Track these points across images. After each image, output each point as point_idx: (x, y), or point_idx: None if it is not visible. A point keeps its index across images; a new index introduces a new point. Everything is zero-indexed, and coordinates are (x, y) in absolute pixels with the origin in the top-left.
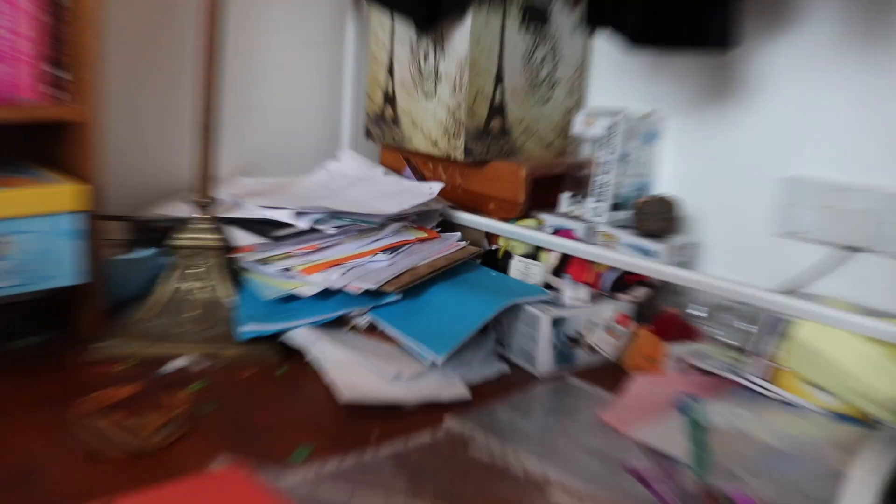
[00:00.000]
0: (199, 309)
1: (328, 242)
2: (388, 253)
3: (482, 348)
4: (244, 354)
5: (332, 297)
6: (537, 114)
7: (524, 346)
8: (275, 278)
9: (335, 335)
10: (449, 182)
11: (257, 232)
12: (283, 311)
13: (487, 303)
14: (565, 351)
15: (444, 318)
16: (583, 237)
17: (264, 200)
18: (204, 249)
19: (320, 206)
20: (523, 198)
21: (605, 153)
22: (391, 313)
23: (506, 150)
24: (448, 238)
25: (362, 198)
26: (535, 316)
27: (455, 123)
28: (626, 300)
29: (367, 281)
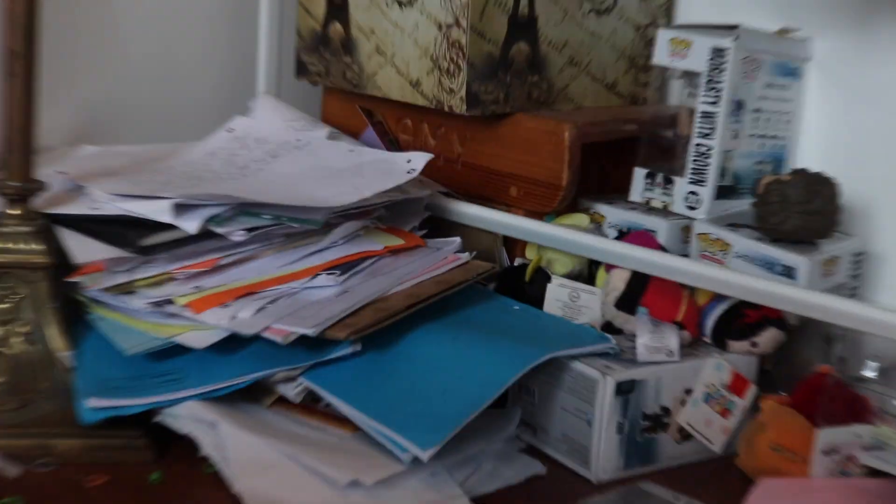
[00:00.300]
0: (5, 372)
1: (234, 256)
2: (337, 273)
3: (498, 434)
4: (90, 449)
5: (241, 349)
6: (590, 33)
7: (569, 431)
8: (143, 318)
9: (248, 414)
10: (441, 152)
11: (111, 239)
12: (159, 373)
13: (506, 357)
14: (639, 438)
15: (432, 385)
16: (670, 244)
17: (123, 185)
18: (16, 269)
19: (219, 195)
20: (567, 177)
21: (708, 101)
22: (344, 377)
23: (537, 97)
24: (440, 248)
25: (292, 179)
26: (588, 379)
27: (450, 50)
28: (743, 351)
29: (301, 322)
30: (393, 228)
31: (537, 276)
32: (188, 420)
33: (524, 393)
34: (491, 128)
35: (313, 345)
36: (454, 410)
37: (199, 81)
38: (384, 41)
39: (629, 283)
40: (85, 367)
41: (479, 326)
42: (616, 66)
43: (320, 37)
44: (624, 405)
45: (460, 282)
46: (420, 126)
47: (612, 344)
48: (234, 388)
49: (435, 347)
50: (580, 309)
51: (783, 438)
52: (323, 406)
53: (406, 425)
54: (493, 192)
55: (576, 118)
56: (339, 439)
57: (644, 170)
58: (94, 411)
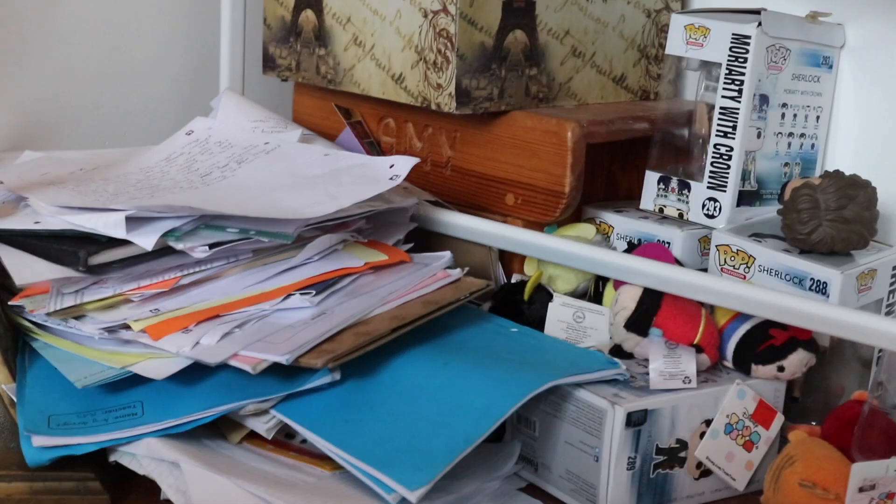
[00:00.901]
0: None
1: (196, 275)
2: (312, 293)
3: (495, 472)
4: (37, 492)
5: (205, 379)
6: (595, 20)
7: (575, 468)
8: (95, 345)
9: (213, 452)
10: (429, 155)
11: (57, 257)
12: (113, 407)
13: (503, 386)
14: (653, 475)
15: (420, 418)
16: (686, 257)
17: (69, 196)
18: None
19: (178, 206)
20: (570, 183)
21: (728, 95)
22: (321, 409)
23: (536, 93)
24: (428, 263)
25: (260, 187)
26: (595, 409)
27: (437, 40)
28: (768, 377)
29: (272, 348)
30: (374, 242)
31: (537, 295)
32: (147, 459)
33: (523, 425)
34: (484, 128)
35: (286, 374)
36: (445, 446)
37: (153, 77)
38: (362, 31)
39: (640, 302)
40: (30, 401)
41: (472, 351)
42: (624, 56)
43: (290, 26)
44: (635, 438)
45: (451, 301)
46: (404, 126)
47: (621, 370)
48: (197, 422)
49: (423, 375)
50: (586, 331)
51: (814, 473)
52: (298, 442)
53: (392, 463)
54: (488, 201)
55: (580, 116)
56: (316, 479)
57: (656, 174)
58: (41, 451)
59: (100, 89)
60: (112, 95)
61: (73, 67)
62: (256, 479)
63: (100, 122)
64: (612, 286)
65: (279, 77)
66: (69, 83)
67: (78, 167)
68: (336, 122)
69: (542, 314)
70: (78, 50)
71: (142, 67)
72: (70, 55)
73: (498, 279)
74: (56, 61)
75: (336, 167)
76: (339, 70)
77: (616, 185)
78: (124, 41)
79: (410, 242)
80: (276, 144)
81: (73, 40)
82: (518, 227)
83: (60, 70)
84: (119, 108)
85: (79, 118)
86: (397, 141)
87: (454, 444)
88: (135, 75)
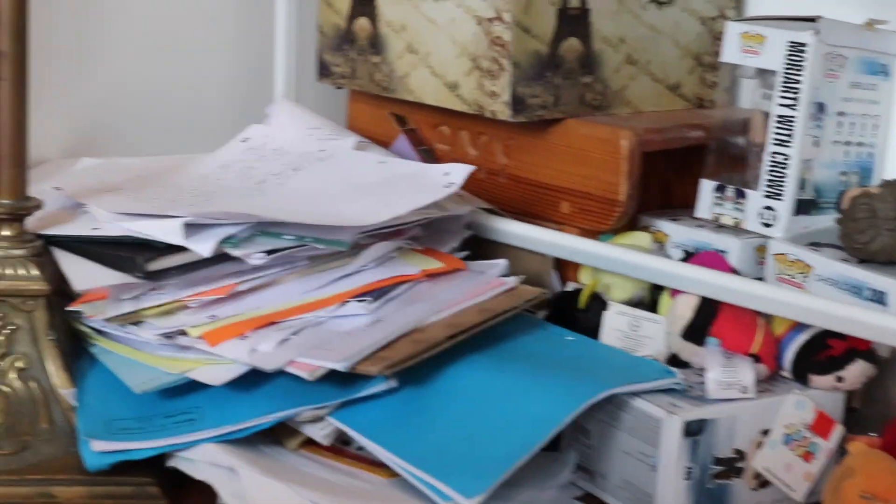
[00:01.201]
0: (2, 412)
1: (252, 281)
2: (368, 300)
3: (551, 480)
4: (96, 497)
5: (262, 385)
6: (650, 28)
7: (631, 477)
8: (153, 351)
9: (270, 458)
10: (483, 163)
11: (115, 263)
12: (171, 413)
13: (560, 394)
14: (710, 485)
15: (476, 425)
16: (743, 266)
17: (127, 203)
18: (10, 297)
19: (235, 213)
20: (626, 191)
21: (785, 103)
22: (377, 416)
23: (591, 101)
24: (483, 271)
25: (316, 195)
26: (651, 419)
27: (492, 48)
28: (827, 387)
29: (329, 355)
30: (430, 250)
31: (593, 303)
32: (205, 465)
33: (580, 434)
34: (539, 135)
35: (343, 380)
36: (502, 454)
37: (209, 85)
38: (417, 38)
39: (697, 311)
40: (89, 406)
41: (529, 359)
42: (679, 64)
43: (345, 34)
44: (692, 448)
45: (507, 309)
46: (458, 134)
47: (677, 379)
48: (254, 429)
49: (479, 383)
50: (641, 339)
51: (874, 485)
52: (354, 449)
53: (448, 470)
54: (542, 209)
55: (635, 124)
56: (372, 486)
57: (712, 182)
58: (100, 455)
59: (155, 97)
60: (167, 103)
61: (128, 76)
62: (313, 486)
63: (155, 129)
64: (667, 295)
65: (334, 84)
66: (125, 91)
67: (135, 174)
68: (390, 129)
69: (597, 323)
70: (133, 58)
71: (196, 75)
72: (126, 64)
73: (553, 287)
74: (112, 70)
75: (391, 175)
76: (393, 77)
77: (671, 194)
78: (179, 49)
79: (465, 250)
80: (332, 152)
81: (129, 49)
82: (573, 236)
83: (117, 78)
84: (174, 115)
85: (134, 126)
86: (452, 148)
87: (511, 452)
88: (189, 83)
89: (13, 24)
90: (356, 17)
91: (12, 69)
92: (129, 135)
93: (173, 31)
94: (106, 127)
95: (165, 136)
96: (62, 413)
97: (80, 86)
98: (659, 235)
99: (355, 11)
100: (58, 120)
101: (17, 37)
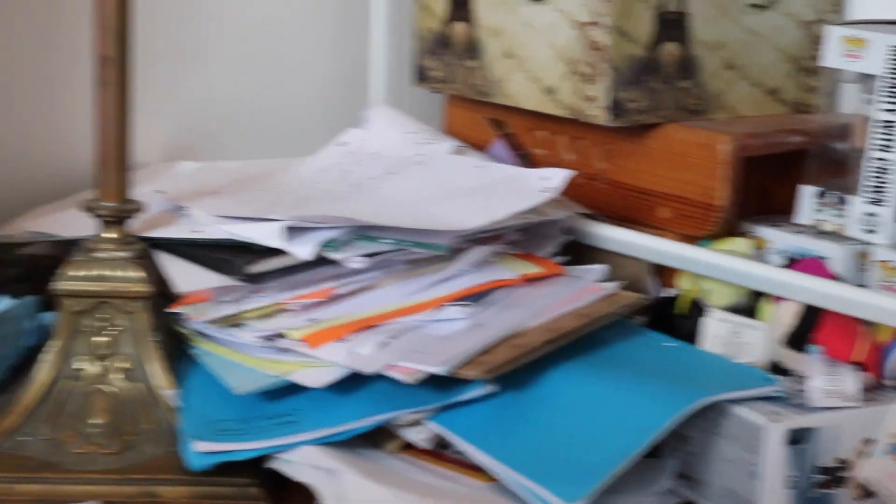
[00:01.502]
0: (105, 412)
1: (352, 285)
2: (466, 305)
3: (651, 487)
4: (198, 497)
5: (361, 388)
6: (749, 32)
7: (733, 485)
8: (253, 353)
9: (370, 461)
10: (580, 168)
11: (217, 266)
12: (272, 415)
13: (660, 401)
14: (813, 495)
15: (576, 431)
16: (845, 272)
17: (227, 206)
18: (114, 299)
19: (335, 217)
20: (725, 196)
21: (887, 108)
22: (477, 420)
23: (689, 105)
24: (581, 276)
25: (413, 199)
26: (753, 426)
27: (590, 52)
28: None
29: (429, 359)
30: (528, 254)
31: (692, 310)
32: (305, 467)
33: (680, 441)
34: (637, 140)
35: (442, 385)
36: (602, 460)
37: (306, 90)
38: (514, 43)
39: (799, 318)
40: (191, 407)
41: (627, 365)
42: (779, 68)
43: (441, 38)
44: (795, 456)
45: (605, 315)
46: (555, 139)
47: (779, 387)
48: (355, 431)
49: (578, 388)
50: (742, 346)
51: None
52: (453, 453)
53: (548, 476)
54: (640, 214)
55: (734, 129)
56: (472, 490)
57: (813, 188)
58: (203, 456)
59: (251, 101)
60: (264, 107)
61: (227, 80)
62: (412, 489)
63: (253, 133)
64: (769, 302)
65: (430, 89)
66: (224, 95)
67: (234, 177)
68: (487, 134)
69: (696, 329)
70: (232, 63)
71: (294, 80)
72: (224, 68)
73: (652, 293)
74: (211, 74)
75: (489, 179)
76: (490, 82)
77: (770, 200)
78: (277, 54)
79: (563, 255)
80: (429, 156)
81: (228, 54)
82: (672, 241)
83: (216, 82)
84: (270, 118)
85: (232, 129)
86: (548, 153)
87: (611, 458)
88: (287, 88)
89: (117, 29)
90: (453, 22)
91: (116, 74)
92: (227, 138)
93: (271, 36)
94: (205, 130)
95: (263, 140)
96: (165, 414)
97: (179, 90)
98: (758, 241)
99: (452, 16)
100: (158, 123)
101: (121, 42)
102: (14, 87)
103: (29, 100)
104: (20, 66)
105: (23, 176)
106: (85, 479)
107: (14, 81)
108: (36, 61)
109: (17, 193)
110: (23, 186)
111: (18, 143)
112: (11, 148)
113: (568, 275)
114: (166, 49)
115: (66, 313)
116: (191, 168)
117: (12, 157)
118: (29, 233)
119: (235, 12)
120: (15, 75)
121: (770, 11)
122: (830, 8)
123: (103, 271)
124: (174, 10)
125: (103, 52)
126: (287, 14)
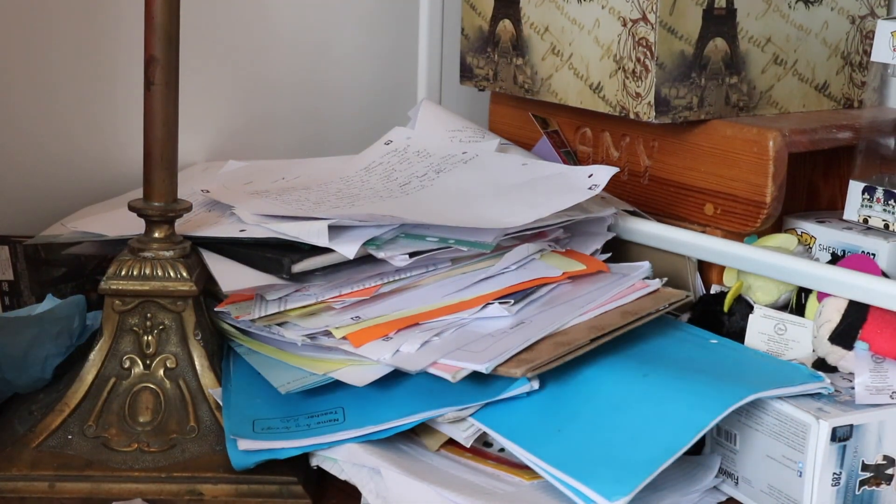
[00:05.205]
0: (151, 410)
1: (396, 283)
2: (510, 302)
3: (695, 485)
4: (242, 495)
5: (404, 386)
6: (797, 27)
7: (777, 482)
8: (297, 352)
9: (413, 458)
10: (626, 165)
11: (262, 265)
12: (315, 413)
13: (704, 398)
14: (858, 492)
15: (619, 429)
16: (892, 269)
17: (272, 205)
18: (160, 298)
19: (379, 215)
20: (772, 193)
21: None
22: (519, 418)
23: (736, 101)
24: (626, 274)
25: (458, 197)
26: (798, 423)
27: (637, 49)
28: None
29: (472, 357)
30: (572, 252)
31: (737, 306)
32: (348, 465)
33: (724, 438)
34: (683, 137)
35: (485, 382)
36: (645, 457)
37: (352, 88)
38: (560, 40)
39: (845, 315)
40: (235, 404)
41: (672, 362)
42: (827, 64)
43: (488, 36)
44: (841, 454)
45: (650, 312)
46: (601, 136)
47: (825, 383)
48: (398, 429)
49: (621, 386)
50: (787, 343)
51: None
52: (496, 450)
53: (591, 473)
54: (686, 211)
55: (781, 125)
56: (515, 488)
57: (861, 183)
58: (246, 454)
59: (299, 100)
60: (311, 105)
61: (273, 79)
62: (455, 487)
63: (299, 131)
64: (814, 298)
65: (476, 87)
66: (270, 94)
67: (280, 176)
68: (532, 131)
69: (742, 326)
70: (278, 62)
71: (340, 78)
72: (271, 67)
73: (697, 290)
74: (257, 74)
75: (534, 177)
76: (536, 79)
77: (817, 195)
78: (323, 52)
79: (607, 252)
80: (474, 154)
81: (274, 53)
82: (717, 238)
83: (262, 82)
84: (317, 117)
85: (278, 128)
86: (594, 150)
87: (655, 456)
88: (333, 85)
89: (165, 30)
90: (499, 20)
91: (164, 74)
92: (273, 137)
93: (318, 35)
94: (251, 129)
95: (309, 139)
96: (209, 412)
97: (225, 89)
98: (805, 237)
99: (498, 14)
100: (204, 123)
101: (168, 43)
102: (62, 89)
103: (77, 101)
104: (69, 66)
105: (70, 176)
106: (129, 477)
107: (63, 83)
108: (85, 62)
109: (65, 193)
110: (70, 186)
111: (66, 144)
112: (59, 148)
113: (612, 272)
114: (213, 49)
115: (113, 312)
116: (237, 167)
117: (60, 157)
118: (76, 232)
119: (283, 12)
120: (64, 76)
121: (819, 6)
122: (880, 2)
123: (149, 271)
124: (221, 11)
125: (151, 52)
126: (335, 14)
